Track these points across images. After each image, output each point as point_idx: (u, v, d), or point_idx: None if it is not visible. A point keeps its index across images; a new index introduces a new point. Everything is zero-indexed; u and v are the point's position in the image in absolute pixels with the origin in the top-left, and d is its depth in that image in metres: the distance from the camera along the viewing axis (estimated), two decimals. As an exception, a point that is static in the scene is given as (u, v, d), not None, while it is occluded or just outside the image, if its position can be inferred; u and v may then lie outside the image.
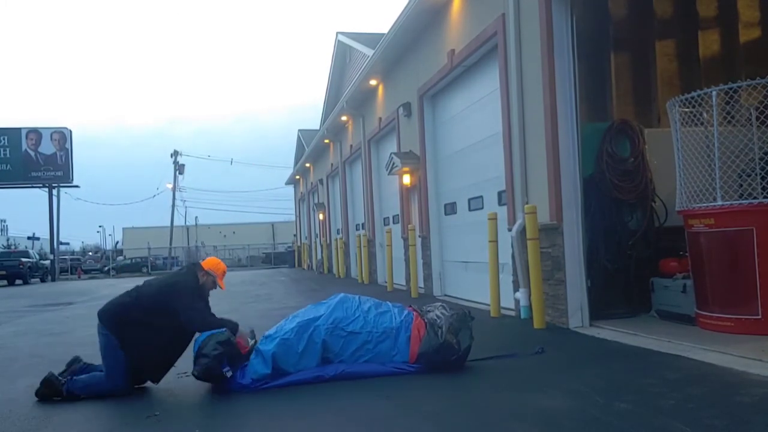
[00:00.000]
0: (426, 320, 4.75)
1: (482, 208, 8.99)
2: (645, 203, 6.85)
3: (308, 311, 4.80)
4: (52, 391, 4.43)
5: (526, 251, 6.70)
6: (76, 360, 4.71)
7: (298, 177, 31.54)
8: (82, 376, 4.53)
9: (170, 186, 47.28)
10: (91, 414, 4.03)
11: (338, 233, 20.84)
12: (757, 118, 5.41)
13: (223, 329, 4.46)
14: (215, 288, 4.84)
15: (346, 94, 16.12)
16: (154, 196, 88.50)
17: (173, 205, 46.86)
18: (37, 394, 4.46)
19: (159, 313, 4.47)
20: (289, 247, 39.85)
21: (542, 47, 6.62)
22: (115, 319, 4.54)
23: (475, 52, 8.65)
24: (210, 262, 4.87)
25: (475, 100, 9.26)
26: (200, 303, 4.64)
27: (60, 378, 4.47)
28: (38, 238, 55.39)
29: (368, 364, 4.60)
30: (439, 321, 4.70)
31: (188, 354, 5.39)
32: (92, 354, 6.39)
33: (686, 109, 5.78)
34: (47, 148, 33.13)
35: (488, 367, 4.82)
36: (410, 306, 5.07)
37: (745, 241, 5.39)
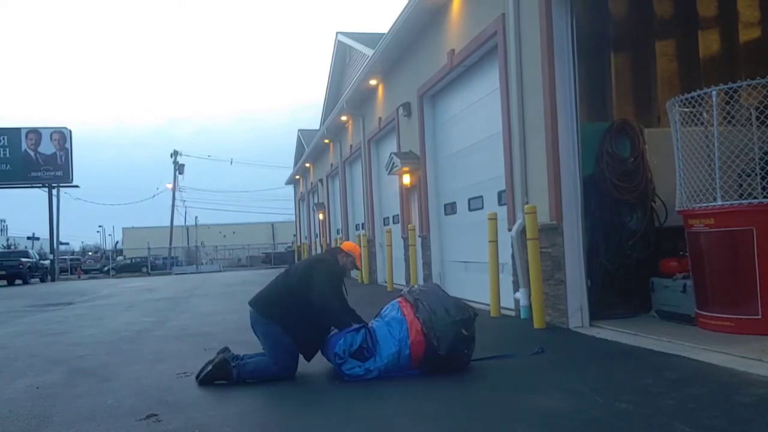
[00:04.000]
0: (422, 325, 4.57)
1: (482, 208, 8.99)
2: (645, 203, 6.84)
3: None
4: (223, 374, 4.62)
5: (526, 251, 6.70)
6: (225, 350, 4.84)
7: (298, 177, 31.55)
8: (251, 360, 4.71)
9: (170, 186, 47.30)
10: (88, 413, 4.02)
11: (338, 233, 20.84)
12: (757, 118, 5.41)
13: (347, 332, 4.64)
14: (354, 269, 5.26)
15: (346, 94, 16.12)
16: (154, 196, 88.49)
17: (173, 205, 46.89)
18: (207, 375, 4.63)
19: (305, 291, 4.69)
20: (289, 247, 39.88)
21: (542, 47, 6.61)
22: (271, 306, 4.80)
23: (475, 52, 8.65)
24: (348, 245, 5.28)
25: (475, 100, 9.26)
26: (335, 287, 4.85)
27: (231, 362, 4.65)
28: (38, 238, 55.43)
29: None
30: (441, 331, 4.53)
31: (184, 353, 5.36)
32: (92, 353, 6.41)
33: (686, 109, 5.78)
34: (47, 148, 33.10)
35: (488, 367, 4.82)
36: (401, 297, 4.89)
37: (745, 241, 5.39)
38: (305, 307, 4.66)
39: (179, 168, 46.49)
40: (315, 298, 4.64)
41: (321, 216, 24.25)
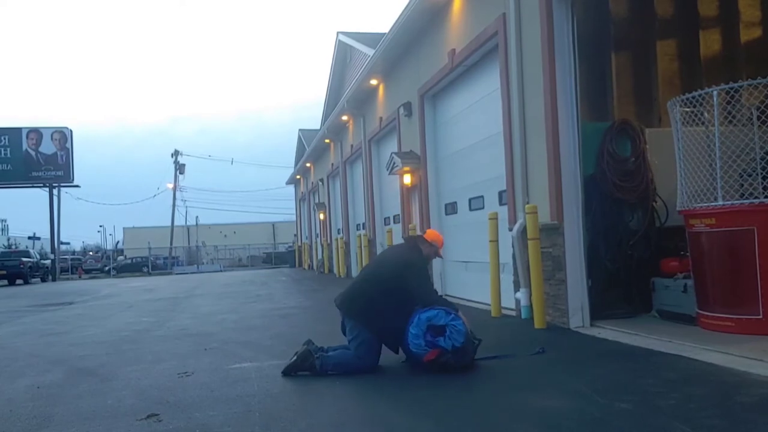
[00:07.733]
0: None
1: (483, 207, 8.98)
2: (646, 203, 6.84)
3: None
4: (306, 365, 4.74)
5: (527, 251, 6.69)
6: (308, 342, 4.93)
7: (298, 177, 31.55)
8: (334, 353, 4.85)
9: (171, 186, 47.38)
10: (89, 413, 4.02)
11: (339, 233, 20.83)
12: (758, 118, 5.41)
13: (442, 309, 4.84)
14: (436, 258, 5.40)
15: (346, 93, 16.12)
16: (155, 195, 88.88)
17: (174, 205, 46.99)
18: (291, 364, 4.76)
19: (397, 289, 4.86)
20: (290, 247, 39.85)
21: (543, 47, 6.61)
22: (356, 306, 4.94)
23: (475, 51, 8.64)
24: (431, 234, 5.38)
25: (475, 99, 9.25)
26: (430, 282, 5.17)
27: (314, 354, 4.75)
28: (39, 238, 55.54)
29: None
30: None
31: (179, 352, 5.37)
32: (91, 353, 6.41)
33: (687, 109, 5.77)
34: (48, 147, 33.18)
35: (489, 367, 4.82)
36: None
37: (746, 241, 5.38)
38: (391, 302, 4.83)
39: (180, 168, 46.61)
40: (421, 301, 4.85)
41: (322, 216, 24.25)
